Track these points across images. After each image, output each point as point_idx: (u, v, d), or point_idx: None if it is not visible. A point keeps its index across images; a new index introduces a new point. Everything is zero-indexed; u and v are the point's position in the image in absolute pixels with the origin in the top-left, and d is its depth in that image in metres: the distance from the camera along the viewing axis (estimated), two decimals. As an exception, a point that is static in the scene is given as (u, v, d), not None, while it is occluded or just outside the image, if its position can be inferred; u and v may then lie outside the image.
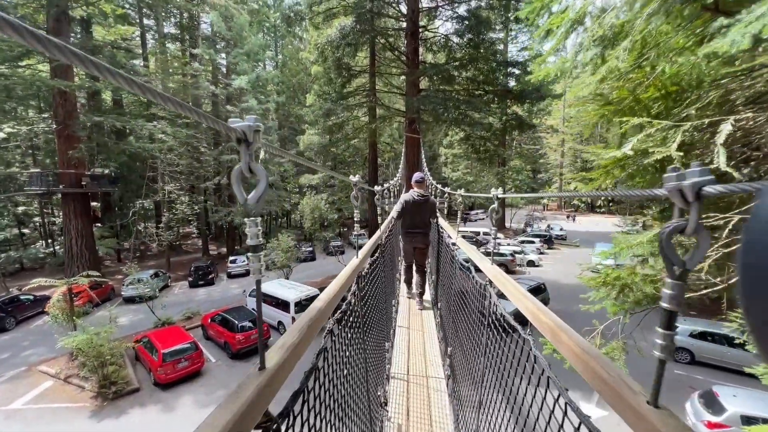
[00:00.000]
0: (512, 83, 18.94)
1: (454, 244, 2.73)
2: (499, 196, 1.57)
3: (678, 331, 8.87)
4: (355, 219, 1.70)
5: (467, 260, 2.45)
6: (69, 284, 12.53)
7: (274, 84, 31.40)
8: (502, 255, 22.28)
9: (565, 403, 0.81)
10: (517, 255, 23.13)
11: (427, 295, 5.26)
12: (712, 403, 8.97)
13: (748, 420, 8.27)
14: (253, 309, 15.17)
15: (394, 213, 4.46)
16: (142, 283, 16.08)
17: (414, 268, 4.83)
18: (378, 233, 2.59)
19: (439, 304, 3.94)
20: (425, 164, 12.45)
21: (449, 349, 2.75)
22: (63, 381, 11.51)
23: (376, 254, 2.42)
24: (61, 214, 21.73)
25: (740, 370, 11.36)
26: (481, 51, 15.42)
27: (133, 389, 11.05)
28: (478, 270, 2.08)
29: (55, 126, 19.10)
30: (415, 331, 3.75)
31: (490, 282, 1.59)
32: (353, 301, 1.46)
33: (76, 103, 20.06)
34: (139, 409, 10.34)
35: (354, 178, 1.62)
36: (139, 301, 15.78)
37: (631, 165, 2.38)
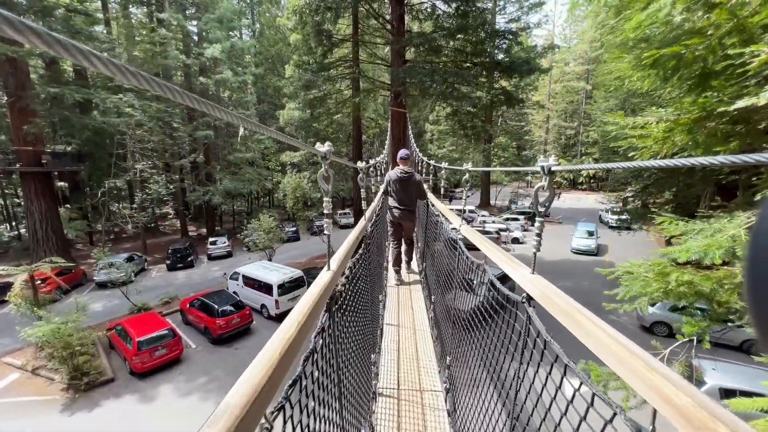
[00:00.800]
0: (501, 56, 18.13)
1: (455, 229, 2.21)
2: (554, 168, 1.02)
3: (657, 306, 8.77)
4: (325, 208, 1.14)
5: (469, 246, 1.95)
6: (30, 272, 11.57)
7: (251, 55, 29.48)
8: (487, 233, 22.19)
9: None
10: (502, 233, 23.12)
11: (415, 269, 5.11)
12: (691, 376, 9.11)
13: (726, 393, 8.44)
14: (234, 293, 14.62)
15: (380, 193, 4.42)
16: (115, 267, 15.17)
17: (401, 246, 4.80)
18: (361, 223, 2.05)
19: (432, 297, 3.48)
20: (413, 140, 11.82)
21: (448, 358, 2.29)
22: (31, 373, 10.81)
23: (360, 251, 1.89)
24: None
25: (718, 342, 11.69)
26: (470, 20, 14.50)
27: (107, 379, 10.48)
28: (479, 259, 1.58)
29: (6, 98, 17.28)
30: (406, 329, 3.30)
31: (529, 299, 1.08)
32: (322, 343, 0.94)
33: (29, 73, 18.15)
34: (114, 400, 9.83)
35: (323, 148, 1.04)
36: (112, 287, 14.93)
37: (696, 129, 1.85)
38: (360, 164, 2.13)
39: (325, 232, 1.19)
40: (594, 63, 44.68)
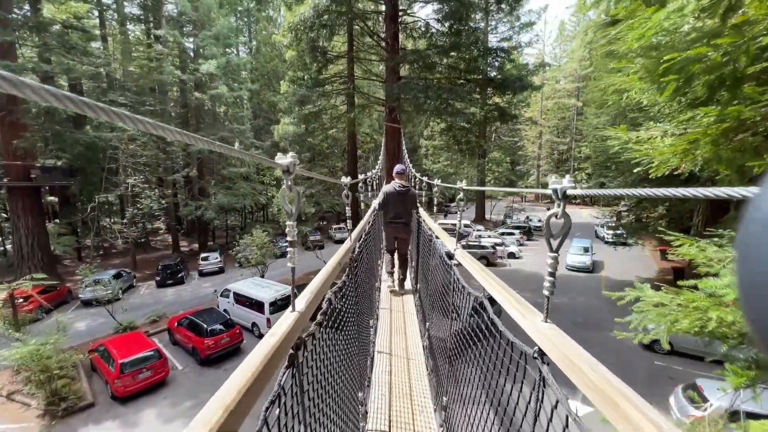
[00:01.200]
0: (494, 73, 18.39)
1: (450, 256, 1.98)
2: (569, 192, 0.83)
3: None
4: (288, 234, 0.92)
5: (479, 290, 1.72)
6: (10, 290, 11.09)
7: (247, 71, 29.69)
8: (483, 248, 21.97)
9: None
10: (498, 247, 22.90)
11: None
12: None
13: (732, 414, 8.13)
14: (224, 311, 14.15)
15: (375, 204, 4.57)
16: (101, 285, 14.68)
17: (396, 256, 4.95)
18: (346, 245, 1.83)
19: (427, 324, 3.23)
20: (406, 155, 11.72)
21: (444, 398, 2.04)
22: (5, 398, 10.21)
23: (345, 277, 1.66)
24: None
25: (720, 360, 11.42)
26: (463, 38, 14.72)
27: (87, 404, 9.91)
28: (492, 302, 1.36)
29: (-4, 113, 17.04)
30: (399, 358, 3.03)
31: (541, 354, 0.86)
32: (279, 412, 0.71)
33: (21, 87, 17.97)
34: (94, 426, 9.26)
35: (284, 160, 0.84)
36: (97, 305, 14.39)
37: (722, 142, 1.66)
38: (344, 179, 1.92)
39: (288, 264, 0.97)
40: (584, 80, 45.70)
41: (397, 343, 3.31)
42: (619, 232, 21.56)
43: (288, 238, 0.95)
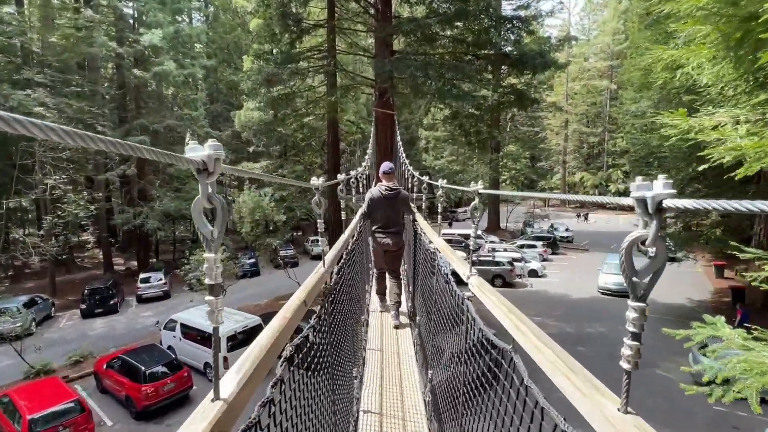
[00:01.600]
0: (509, 48, 18.52)
1: (460, 280, 1.80)
2: (667, 203, 0.58)
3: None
4: (207, 276, 0.74)
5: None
6: None
7: (202, 43, 29.55)
8: (498, 264, 21.93)
9: None
10: (516, 263, 22.89)
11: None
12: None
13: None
14: (169, 347, 13.80)
15: (359, 213, 4.63)
16: (7, 315, 14.24)
17: (387, 275, 4.99)
18: (317, 275, 1.63)
19: (430, 373, 3.04)
20: (401, 149, 11.64)
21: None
22: None
23: (315, 320, 1.47)
24: None
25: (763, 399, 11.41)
26: (470, 4, 14.81)
27: (-17, 475, 9.44)
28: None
29: None
30: (393, 419, 2.82)
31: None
32: None
33: None
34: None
35: (200, 152, 0.67)
36: (2, 342, 13.94)
37: None
38: (315, 181, 1.73)
39: (208, 322, 0.78)
40: (618, 58, 46.57)
41: (390, 397, 3.10)
42: (666, 243, 21.69)
43: (207, 281, 0.76)
